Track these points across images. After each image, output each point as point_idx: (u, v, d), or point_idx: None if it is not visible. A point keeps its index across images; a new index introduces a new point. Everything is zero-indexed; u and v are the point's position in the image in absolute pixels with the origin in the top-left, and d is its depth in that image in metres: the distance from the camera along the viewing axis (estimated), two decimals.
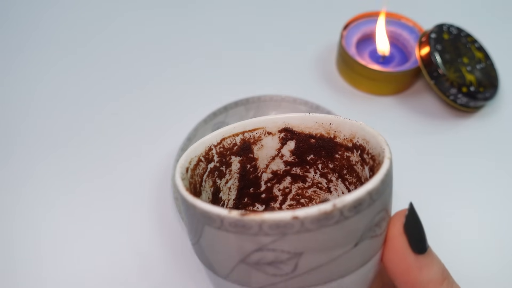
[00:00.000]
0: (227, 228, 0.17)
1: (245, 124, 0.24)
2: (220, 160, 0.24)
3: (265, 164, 0.26)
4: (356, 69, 0.43)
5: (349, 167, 0.24)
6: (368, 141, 0.22)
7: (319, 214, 0.16)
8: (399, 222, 0.19)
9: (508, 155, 0.40)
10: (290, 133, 0.25)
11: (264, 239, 0.17)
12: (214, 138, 0.23)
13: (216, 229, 0.17)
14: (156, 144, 0.40)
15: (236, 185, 0.25)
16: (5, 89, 0.45)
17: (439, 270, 0.19)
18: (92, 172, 0.39)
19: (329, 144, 0.24)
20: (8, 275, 0.33)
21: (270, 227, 0.16)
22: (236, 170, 0.25)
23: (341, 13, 0.49)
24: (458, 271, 0.33)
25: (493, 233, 0.36)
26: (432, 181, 0.39)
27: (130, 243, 0.35)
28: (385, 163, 0.18)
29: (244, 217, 0.16)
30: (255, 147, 0.25)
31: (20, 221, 0.36)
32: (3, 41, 0.49)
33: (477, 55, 0.43)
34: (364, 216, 0.17)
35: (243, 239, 0.17)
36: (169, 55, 0.48)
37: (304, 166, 0.26)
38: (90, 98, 0.44)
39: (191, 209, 0.18)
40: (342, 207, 0.16)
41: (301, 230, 0.16)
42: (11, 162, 0.39)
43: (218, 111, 0.40)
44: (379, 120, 0.43)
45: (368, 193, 0.17)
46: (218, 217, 0.17)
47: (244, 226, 0.16)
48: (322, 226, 0.16)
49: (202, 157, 0.23)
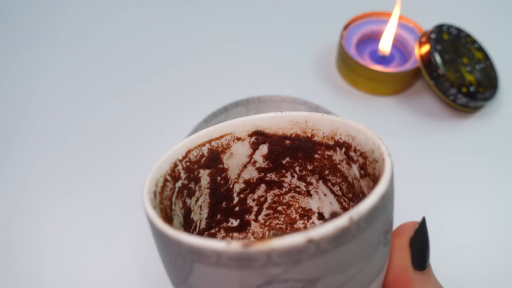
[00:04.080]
0: (227, 263, 0.14)
1: (211, 131, 0.22)
2: (188, 176, 0.21)
3: (237, 174, 0.23)
4: (356, 69, 0.43)
5: (332, 166, 0.22)
6: (354, 136, 0.20)
7: (336, 231, 0.14)
8: (406, 235, 0.19)
9: (508, 155, 0.40)
10: (262, 136, 0.22)
11: (274, 270, 0.14)
12: (179, 152, 0.21)
13: (211, 267, 0.15)
14: (156, 144, 0.40)
15: (207, 201, 0.23)
16: (4, 88, 0.45)
17: None
18: (92, 172, 0.39)
19: (307, 144, 0.22)
20: (8, 275, 0.33)
21: (280, 256, 0.14)
22: (206, 185, 0.22)
23: (341, 13, 0.49)
24: (457, 271, 0.33)
25: (493, 233, 0.36)
26: (432, 181, 0.39)
27: (130, 243, 0.35)
28: (386, 161, 0.17)
29: (248, 248, 0.14)
30: (224, 156, 0.22)
31: (20, 220, 0.36)
32: (2, 40, 0.49)
33: (476, 55, 0.43)
34: (378, 224, 0.16)
35: (248, 274, 0.14)
36: (168, 55, 0.48)
37: (279, 170, 0.24)
38: (89, 98, 0.44)
39: (174, 247, 0.15)
40: (359, 219, 0.14)
41: (317, 254, 0.14)
42: (11, 161, 0.39)
43: (218, 112, 0.40)
44: (379, 120, 0.43)
45: (381, 198, 0.15)
46: (213, 252, 0.14)
47: (249, 258, 0.14)
48: (339, 244, 0.14)
49: (168, 175, 0.20)
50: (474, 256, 0.34)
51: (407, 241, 0.18)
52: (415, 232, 0.18)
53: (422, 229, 0.19)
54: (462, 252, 0.35)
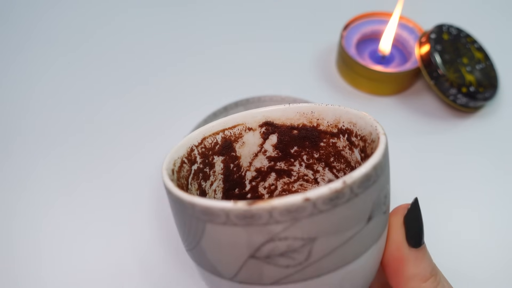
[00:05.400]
0: (234, 221, 0.16)
1: (224, 121, 0.23)
2: (203, 161, 0.23)
3: (248, 162, 0.25)
4: (356, 70, 0.43)
5: (336, 153, 0.23)
6: (355, 123, 0.22)
7: (331, 193, 0.16)
8: (400, 214, 0.20)
9: (508, 155, 0.40)
10: (271, 126, 0.24)
11: (275, 227, 0.16)
12: (195, 138, 0.23)
13: (221, 226, 0.16)
14: (156, 144, 0.40)
15: (221, 187, 0.24)
16: (4, 88, 0.45)
17: (428, 267, 0.20)
18: (92, 172, 0.39)
19: (313, 133, 0.24)
20: (8, 275, 0.33)
21: (281, 213, 0.15)
22: (219, 171, 0.24)
23: (341, 13, 0.49)
24: (457, 270, 0.33)
25: (493, 233, 0.36)
26: (432, 181, 0.39)
27: (130, 243, 0.35)
28: (381, 138, 0.19)
29: (252, 206, 0.15)
30: (237, 145, 0.24)
31: (20, 220, 0.36)
32: (2, 40, 0.49)
33: (476, 55, 0.43)
34: (372, 192, 0.17)
35: (252, 231, 0.16)
36: (168, 55, 0.48)
37: (288, 159, 0.25)
38: (89, 98, 0.44)
39: (188, 209, 0.17)
40: (352, 183, 0.16)
41: (314, 213, 0.16)
42: (11, 161, 0.39)
43: (218, 112, 0.40)
44: (379, 120, 0.42)
45: (374, 168, 0.17)
46: (222, 211, 0.16)
47: (253, 216, 0.16)
48: (334, 206, 0.16)
49: (185, 158, 0.22)
50: (474, 256, 0.34)
51: (401, 219, 0.20)
52: (408, 211, 0.20)
53: (415, 208, 0.20)
54: (462, 252, 0.35)
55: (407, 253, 0.20)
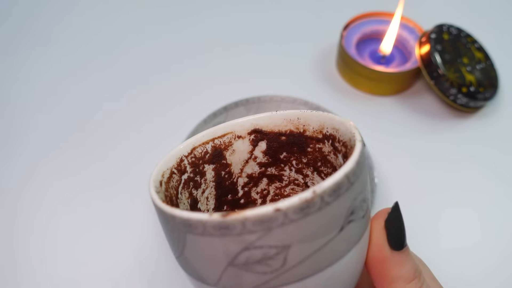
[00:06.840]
0: (211, 232, 0.17)
1: (214, 130, 0.24)
2: (194, 170, 0.24)
3: (240, 169, 0.26)
4: (356, 70, 0.43)
5: (323, 158, 0.24)
6: (338, 129, 0.22)
7: (301, 203, 0.16)
8: (382, 218, 0.20)
9: (508, 155, 0.40)
10: (260, 133, 0.25)
11: (249, 237, 0.16)
12: (184, 149, 0.23)
13: (199, 236, 0.17)
14: (156, 144, 0.40)
15: (213, 193, 0.25)
16: (5, 88, 0.45)
17: (411, 269, 0.20)
18: (92, 172, 0.39)
19: (300, 139, 0.24)
20: (8, 275, 0.33)
21: (254, 224, 0.16)
22: (211, 179, 0.25)
23: (341, 13, 0.49)
24: (457, 270, 0.33)
25: (493, 233, 0.36)
26: (432, 180, 0.39)
27: (130, 243, 0.35)
28: (357, 145, 0.19)
29: (226, 218, 0.16)
30: (227, 153, 0.25)
31: (20, 220, 0.36)
32: (3, 40, 0.49)
33: (477, 55, 0.43)
34: (344, 200, 0.17)
35: (228, 240, 0.17)
36: (168, 55, 0.48)
37: (278, 165, 0.26)
38: (89, 99, 0.44)
39: (170, 221, 0.18)
40: (322, 193, 0.16)
41: (285, 222, 0.16)
42: (11, 161, 0.39)
43: (218, 112, 0.40)
44: (379, 120, 0.43)
45: (345, 176, 0.17)
46: (199, 222, 0.17)
47: (228, 227, 0.16)
48: (306, 215, 0.16)
49: (175, 169, 0.22)
50: (474, 256, 0.34)
51: (382, 223, 0.20)
52: (389, 214, 0.20)
53: (396, 212, 0.20)
54: (463, 252, 0.35)
55: (389, 256, 0.20)
